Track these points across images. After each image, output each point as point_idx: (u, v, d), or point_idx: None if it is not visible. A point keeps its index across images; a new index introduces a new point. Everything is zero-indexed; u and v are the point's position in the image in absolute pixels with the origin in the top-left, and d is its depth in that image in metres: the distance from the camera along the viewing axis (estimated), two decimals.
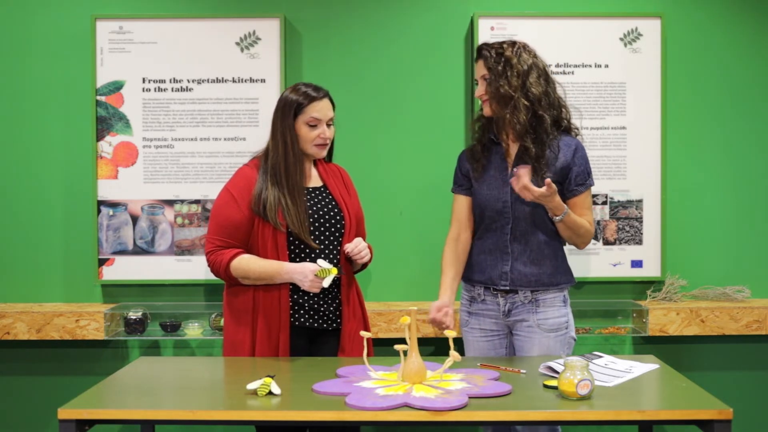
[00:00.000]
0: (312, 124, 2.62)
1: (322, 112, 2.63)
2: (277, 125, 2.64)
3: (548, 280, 2.66)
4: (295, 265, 2.52)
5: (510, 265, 2.66)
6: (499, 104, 2.64)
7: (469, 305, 2.78)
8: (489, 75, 2.65)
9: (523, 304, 2.67)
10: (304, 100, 2.62)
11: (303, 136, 2.63)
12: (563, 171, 2.65)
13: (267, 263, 2.55)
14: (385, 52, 3.43)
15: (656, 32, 3.37)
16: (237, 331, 2.60)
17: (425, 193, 3.41)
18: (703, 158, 3.44)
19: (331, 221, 2.65)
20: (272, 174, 2.60)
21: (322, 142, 2.65)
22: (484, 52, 2.69)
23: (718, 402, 2.07)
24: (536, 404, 2.06)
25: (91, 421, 2.07)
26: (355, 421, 2.01)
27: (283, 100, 2.66)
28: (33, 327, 3.23)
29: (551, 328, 2.65)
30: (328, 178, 2.74)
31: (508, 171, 2.69)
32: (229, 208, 2.60)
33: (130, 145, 3.38)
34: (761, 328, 3.27)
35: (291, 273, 2.51)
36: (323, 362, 2.48)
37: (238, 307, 2.61)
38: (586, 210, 2.69)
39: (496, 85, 2.62)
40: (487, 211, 2.70)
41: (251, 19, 3.37)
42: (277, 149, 2.63)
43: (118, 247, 3.38)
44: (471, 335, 2.77)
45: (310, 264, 2.51)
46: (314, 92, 2.64)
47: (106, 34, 3.36)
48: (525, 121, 2.60)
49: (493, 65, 2.65)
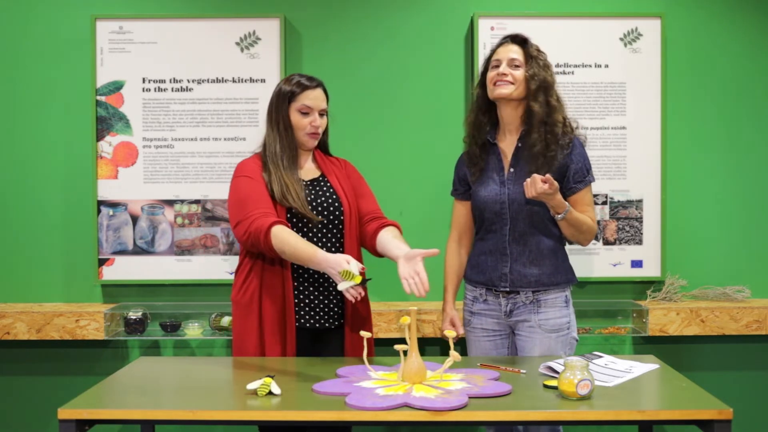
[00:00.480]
0: (304, 112, 2.64)
1: (315, 102, 2.65)
2: (272, 115, 2.68)
3: (548, 280, 2.66)
4: (328, 255, 2.39)
5: (509, 266, 2.67)
6: (538, 91, 2.63)
7: (471, 305, 2.79)
8: (530, 62, 2.65)
9: (524, 305, 2.67)
10: (297, 89, 2.65)
11: (295, 124, 2.65)
12: (560, 169, 2.65)
13: (303, 243, 2.45)
14: (385, 52, 3.43)
15: (656, 32, 3.37)
16: (244, 328, 2.59)
17: (425, 192, 3.41)
18: (703, 158, 3.45)
19: (329, 207, 2.64)
20: (271, 160, 2.63)
21: (313, 131, 2.66)
22: (527, 41, 2.69)
23: (718, 402, 2.07)
24: (536, 404, 2.06)
25: (91, 421, 2.07)
26: (355, 421, 2.01)
27: (277, 91, 2.69)
28: (33, 327, 3.23)
29: (552, 328, 2.65)
30: (326, 168, 2.74)
31: (504, 172, 2.69)
32: (250, 184, 2.58)
33: (130, 145, 3.38)
34: (761, 328, 3.27)
35: (324, 264, 2.39)
36: (323, 362, 2.48)
37: (244, 303, 2.59)
38: (587, 206, 2.69)
39: (543, 74, 2.63)
40: (486, 213, 2.71)
41: (251, 19, 3.37)
42: (271, 136, 2.66)
43: (118, 247, 3.38)
44: (473, 335, 2.78)
45: (344, 256, 2.39)
46: (307, 81, 2.67)
47: (106, 34, 3.36)
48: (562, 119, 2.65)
49: (536, 54, 2.67)
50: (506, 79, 2.63)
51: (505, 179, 2.68)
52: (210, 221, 3.38)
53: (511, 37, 2.72)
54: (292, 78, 2.69)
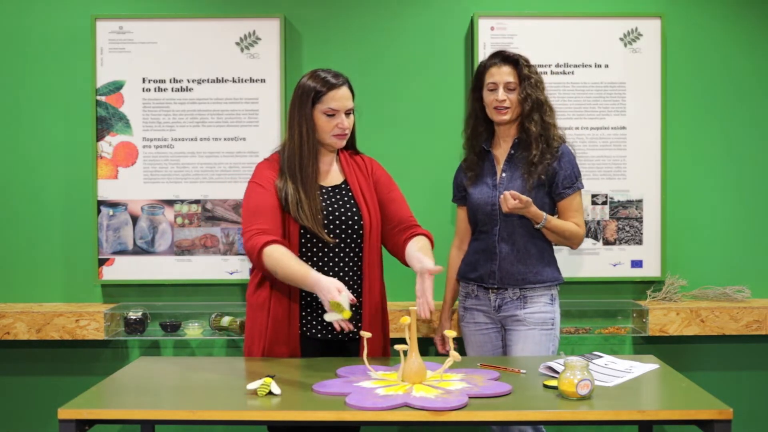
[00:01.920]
0: (330, 114, 2.51)
1: (341, 102, 2.51)
2: (294, 114, 2.54)
3: (534, 279, 2.77)
4: (320, 279, 2.32)
5: (498, 264, 2.77)
6: (533, 112, 2.74)
7: (464, 301, 2.91)
8: (523, 83, 2.73)
9: (512, 300, 2.77)
10: (322, 87, 2.50)
11: (321, 126, 2.52)
12: (548, 174, 2.76)
13: (296, 263, 2.38)
14: (385, 52, 3.43)
15: (656, 32, 3.37)
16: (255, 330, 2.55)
17: (425, 192, 3.41)
18: (703, 158, 3.44)
19: (348, 222, 2.54)
20: (288, 166, 2.52)
21: (340, 132, 2.54)
22: (519, 61, 2.76)
23: (718, 402, 2.07)
24: (536, 404, 2.06)
25: (91, 421, 2.07)
26: (355, 421, 2.01)
27: (300, 87, 2.54)
28: (33, 327, 3.23)
29: (537, 321, 2.75)
30: (351, 173, 2.62)
31: (497, 177, 2.81)
32: (259, 195, 2.50)
33: (130, 145, 3.38)
34: (761, 328, 3.27)
35: (315, 287, 2.32)
36: (323, 362, 2.48)
37: (257, 304, 2.56)
38: (574, 212, 2.79)
39: (537, 94, 2.74)
40: (479, 214, 2.83)
41: (251, 19, 3.37)
42: (293, 140, 2.53)
43: (118, 247, 3.38)
44: (467, 329, 2.89)
45: (337, 283, 2.29)
46: (333, 79, 2.52)
47: (106, 34, 3.36)
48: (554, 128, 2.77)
49: (528, 74, 2.75)
50: (505, 105, 2.75)
51: (497, 183, 2.80)
52: (210, 221, 3.38)
53: (502, 57, 2.78)
54: (316, 74, 2.54)
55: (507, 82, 2.75)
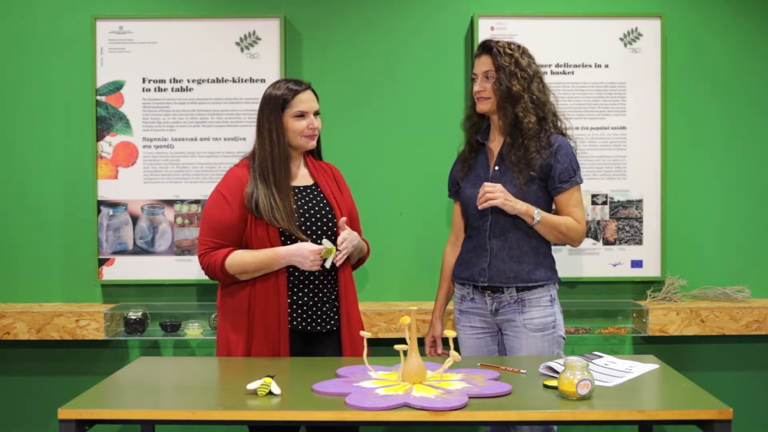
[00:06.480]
0: (299, 116, 2.62)
1: (308, 104, 2.63)
2: (263, 122, 2.63)
3: (528, 277, 2.67)
4: (290, 248, 2.52)
5: (488, 261, 2.69)
6: (505, 103, 2.67)
7: (460, 303, 2.83)
8: (498, 73, 2.67)
9: (509, 304, 2.69)
10: (288, 94, 2.62)
11: (292, 129, 2.62)
12: (542, 169, 2.67)
13: (261, 252, 2.54)
14: (385, 51, 3.43)
15: (656, 32, 3.37)
16: (232, 332, 2.59)
17: (425, 192, 3.41)
18: (703, 158, 3.45)
19: (322, 219, 2.64)
20: (260, 172, 2.60)
21: (311, 133, 2.65)
22: (493, 49, 2.69)
23: (718, 402, 2.07)
24: (536, 404, 2.06)
25: (91, 421, 2.07)
26: (355, 421, 2.01)
27: (266, 97, 2.65)
28: (33, 327, 3.23)
29: (537, 327, 2.67)
30: (319, 176, 2.72)
31: (490, 170, 2.74)
32: (220, 209, 2.60)
33: (130, 145, 3.38)
34: (761, 328, 3.27)
35: (288, 256, 2.52)
36: (323, 362, 2.48)
37: (233, 307, 2.61)
38: (573, 207, 2.70)
39: (508, 83, 2.65)
40: (470, 209, 2.75)
41: (251, 19, 3.37)
42: (263, 146, 2.62)
43: (118, 247, 3.38)
44: (463, 333, 2.81)
45: (305, 244, 2.52)
46: (296, 86, 2.64)
47: (106, 34, 3.36)
48: (534, 122, 2.66)
49: (504, 63, 2.67)
50: (483, 95, 2.71)
51: (489, 177, 2.72)
52: None
53: (480, 46, 2.76)
54: (278, 84, 2.66)
55: (485, 71, 2.71)
